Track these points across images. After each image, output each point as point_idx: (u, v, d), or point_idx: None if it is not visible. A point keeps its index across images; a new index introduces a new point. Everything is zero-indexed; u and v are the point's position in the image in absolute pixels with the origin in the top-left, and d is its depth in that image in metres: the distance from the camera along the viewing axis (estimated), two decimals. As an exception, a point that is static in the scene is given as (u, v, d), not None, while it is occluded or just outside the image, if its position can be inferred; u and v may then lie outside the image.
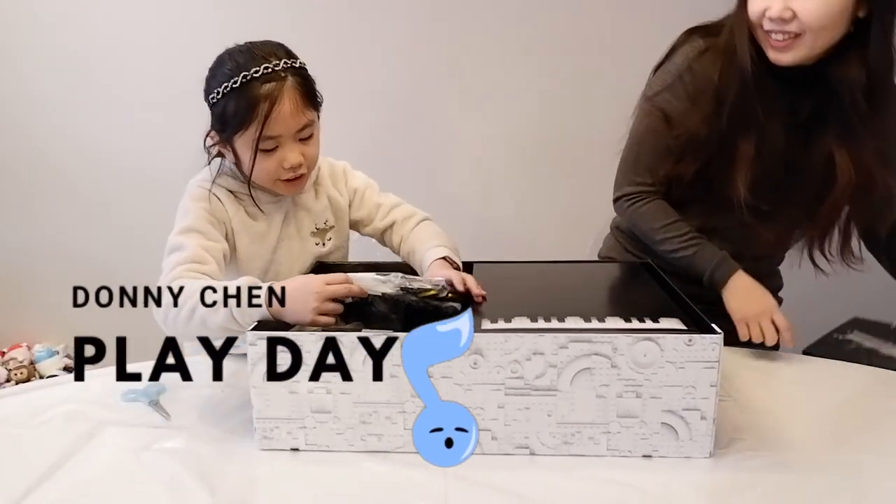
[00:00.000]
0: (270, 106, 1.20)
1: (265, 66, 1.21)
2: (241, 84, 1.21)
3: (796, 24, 1.21)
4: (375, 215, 1.46)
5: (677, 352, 0.97)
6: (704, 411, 0.99)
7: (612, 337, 0.98)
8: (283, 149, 1.25)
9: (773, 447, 1.05)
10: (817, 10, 1.19)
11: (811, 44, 1.23)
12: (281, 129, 1.23)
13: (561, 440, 1.02)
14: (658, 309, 1.10)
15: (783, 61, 1.26)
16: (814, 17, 1.19)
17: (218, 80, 1.24)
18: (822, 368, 1.32)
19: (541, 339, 0.98)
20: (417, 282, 1.15)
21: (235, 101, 1.21)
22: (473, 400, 1.01)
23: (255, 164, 1.24)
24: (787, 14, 1.20)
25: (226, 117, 1.23)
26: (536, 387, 1.00)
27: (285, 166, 1.25)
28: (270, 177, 1.27)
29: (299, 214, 1.39)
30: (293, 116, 1.22)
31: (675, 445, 1.01)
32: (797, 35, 1.22)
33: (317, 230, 1.41)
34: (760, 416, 1.14)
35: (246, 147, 1.24)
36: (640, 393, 0.99)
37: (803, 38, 1.22)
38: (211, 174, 1.32)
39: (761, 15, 1.24)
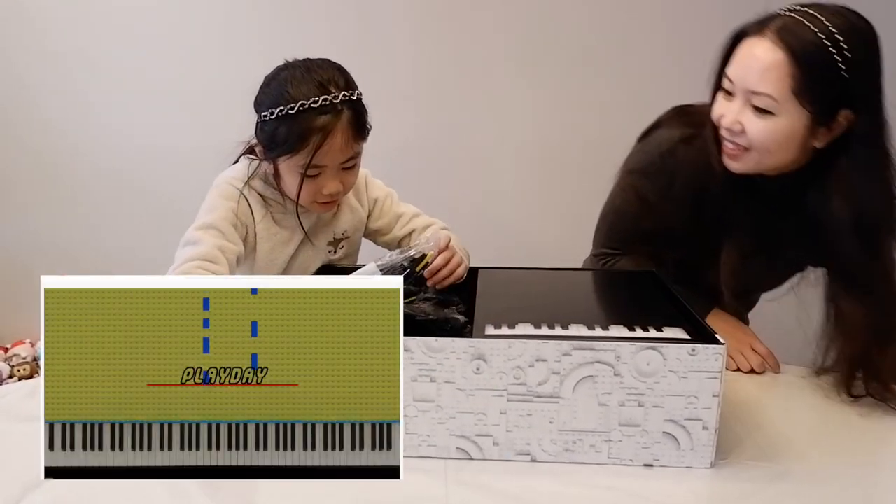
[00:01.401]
0: (322, 139, 1.21)
1: (324, 98, 1.20)
2: (298, 112, 1.20)
3: (744, 138, 1.20)
4: (395, 225, 1.47)
5: (680, 361, 0.97)
6: (706, 421, 0.99)
7: (616, 345, 0.98)
8: (325, 177, 1.26)
9: (774, 458, 1.05)
10: (763, 132, 1.18)
11: (759, 160, 1.22)
12: (328, 161, 1.24)
13: (562, 447, 1.02)
14: (662, 318, 1.10)
15: (732, 168, 1.26)
16: (758, 137, 1.19)
17: (272, 100, 1.23)
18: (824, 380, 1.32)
19: (544, 345, 0.98)
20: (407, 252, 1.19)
21: (288, 128, 1.21)
22: (476, 405, 1.01)
23: (296, 185, 1.26)
24: (736, 127, 1.20)
25: (276, 140, 1.23)
26: (539, 393, 1.00)
27: (324, 192, 1.26)
28: (306, 199, 1.28)
29: (319, 225, 1.40)
30: (342, 150, 1.24)
31: (676, 455, 1.01)
32: (746, 148, 1.22)
33: (333, 240, 1.42)
34: (762, 426, 1.14)
35: (289, 170, 1.26)
36: (643, 402, 0.99)
37: (751, 153, 1.22)
38: (245, 173, 1.32)
39: (718, 119, 1.24)
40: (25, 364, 2.58)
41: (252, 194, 1.31)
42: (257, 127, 1.28)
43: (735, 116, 1.20)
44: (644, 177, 1.39)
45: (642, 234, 1.43)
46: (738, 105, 1.20)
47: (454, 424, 1.02)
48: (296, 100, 1.20)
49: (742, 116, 1.19)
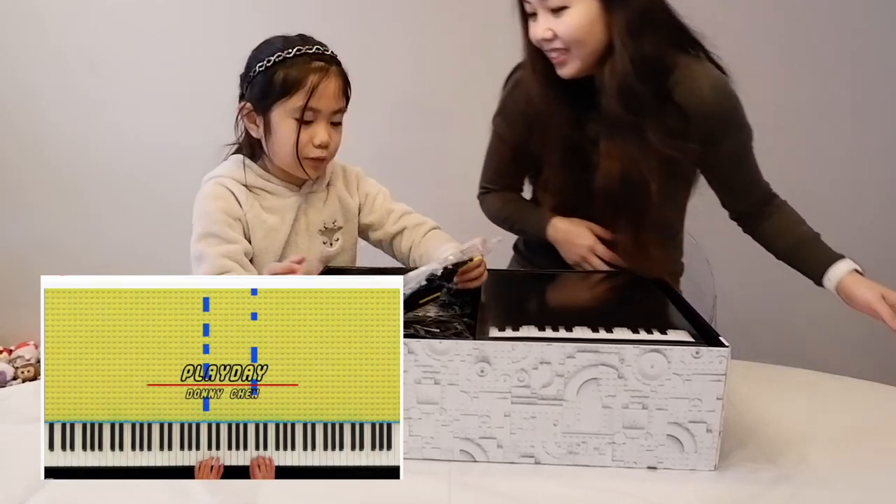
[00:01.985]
0: (320, 79, 1.27)
1: (317, 48, 1.30)
2: (295, 55, 1.28)
3: (559, 41, 1.33)
4: (386, 220, 1.47)
5: (684, 364, 0.97)
6: (710, 424, 0.99)
7: (620, 348, 0.98)
8: (317, 125, 1.30)
9: (778, 460, 1.05)
10: (568, 26, 1.31)
11: (580, 55, 1.35)
12: (323, 105, 1.28)
13: (566, 450, 1.02)
14: (666, 320, 1.10)
15: (565, 74, 1.38)
16: (567, 33, 1.32)
17: (268, 52, 1.29)
18: (828, 382, 1.32)
19: (548, 348, 0.98)
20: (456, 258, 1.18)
21: (286, 70, 1.27)
22: (480, 407, 1.01)
23: (284, 133, 1.29)
24: (548, 34, 1.33)
25: (273, 85, 1.27)
26: (543, 396, 1.00)
27: (315, 142, 1.29)
28: (296, 150, 1.30)
29: (309, 211, 1.41)
30: (335, 97, 1.30)
31: (680, 458, 1.00)
32: (566, 49, 1.34)
33: (325, 229, 1.42)
34: (766, 429, 1.14)
35: (282, 118, 1.29)
36: (647, 404, 0.99)
37: (572, 52, 1.34)
38: (226, 168, 1.36)
39: (535, 39, 1.37)
40: (30, 366, 2.57)
41: (236, 186, 1.34)
42: (247, 88, 1.32)
43: (543, 28, 1.33)
44: (500, 116, 1.57)
45: (505, 169, 1.61)
46: (542, 18, 1.34)
47: (458, 427, 1.02)
48: (293, 46, 1.29)
49: (548, 24, 1.33)
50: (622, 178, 1.38)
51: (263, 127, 1.31)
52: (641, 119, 1.35)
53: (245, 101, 1.32)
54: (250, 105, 1.32)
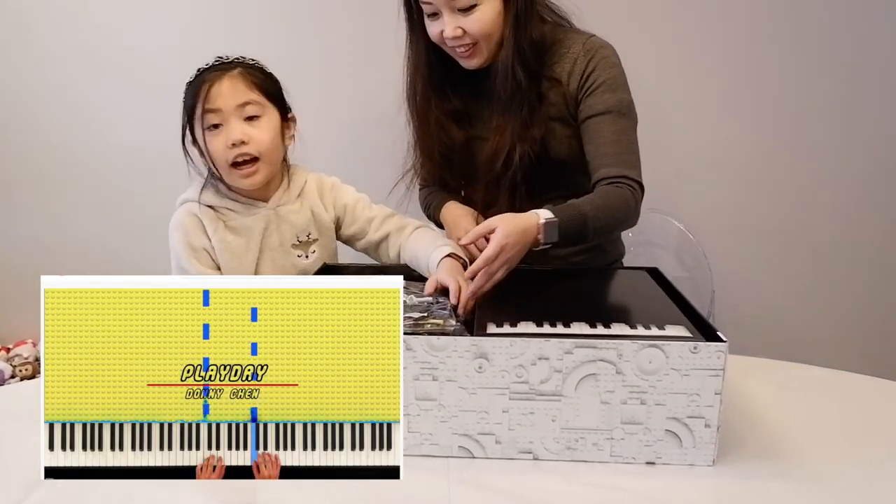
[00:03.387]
0: (210, 85, 1.31)
1: (216, 61, 1.34)
2: (200, 73, 1.33)
3: (468, 37, 1.41)
4: (369, 228, 1.47)
5: (682, 359, 0.97)
6: (709, 419, 0.99)
7: (618, 343, 0.98)
8: (227, 125, 1.31)
9: (777, 456, 1.05)
10: (479, 23, 1.39)
11: (487, 46, 1.43)
12: (220, 104, 1.31)
13: (565, 445, 1.02)
14: (664, 316, 1.10)
15: (472, 65, 1.47)
16: (478, 29, 1.40)
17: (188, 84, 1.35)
18: (827, 377, 1.32)
19: (546, 343, 0.98)
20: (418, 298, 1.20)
21: (187, 93, 1.33)
22: (478, 404, 1.01)
23: (207, 145, 1.32)
24: (458, 32, 1.40)
25: (184, 108, 1.33)
26: (541, 392, 1.00)
27: (228, 143, 1.30)
28: (222, 159, 1.32)
29: (282, 227, 1.41)
30: (232, 94, 1.31)
31: (678, 453, 1.01)
32: (475, 43, 1.42)
33: (298, 242, 1.42)
34: (765, 424, 1.14)
35: (200, 133, 1.33)
36: (645, 400, 0.99)
37: (479, 45, 1.43)
38: (189, 194, 1.39)
39: (440, 36, 1.43)
40: (27, 364, 2.57)
41: (202, 210, 1.36)
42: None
43: (452, 26, 1.39)
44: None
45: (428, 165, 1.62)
46: (447, 17, 1.39)
47: (456, 423, 1.02)
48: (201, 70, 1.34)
49: (456, 23, 1.39)
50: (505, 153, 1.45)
51: (204, 150, 1.34)
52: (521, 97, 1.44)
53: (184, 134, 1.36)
54: (190, 137, 1.35)
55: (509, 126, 1.45)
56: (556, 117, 1.47)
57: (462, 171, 1.58)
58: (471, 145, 1.54)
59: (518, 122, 1.45)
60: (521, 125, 1.45)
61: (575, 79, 1.45)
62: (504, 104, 1.45)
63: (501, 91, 1.44)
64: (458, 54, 1.45)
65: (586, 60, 1.45)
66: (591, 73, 1.44)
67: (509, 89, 1.43)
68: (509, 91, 1.44)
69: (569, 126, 1.48)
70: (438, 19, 1.42)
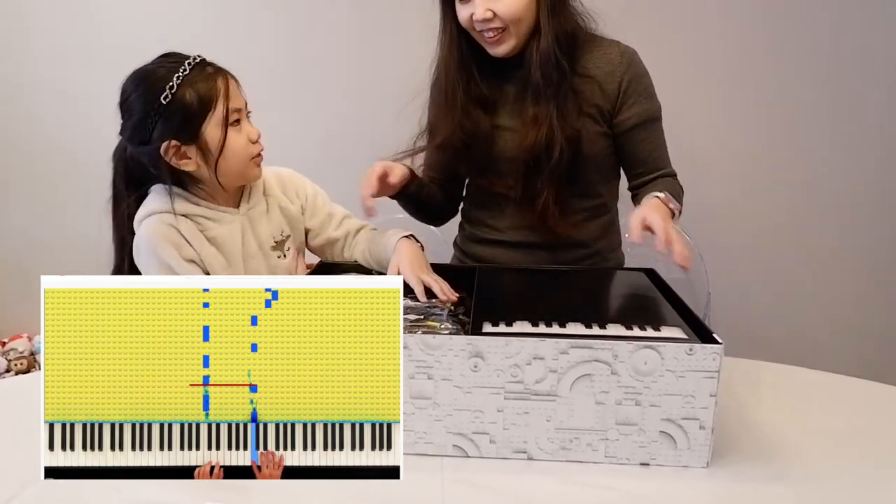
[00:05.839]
0: (225, 81, 1.24)
1: (194, 57, 1.24)
2: (191, 70, 1.21)
3: (498, 21, 1.40)
4: (329, 225, 1.45)
5: (678, 360, 0.97)
6: (703, 421, 0.99)
7: (613, 344, 0.98)
8: (244, 123, 1.27)
9: (771, 458, 1.05)
10: (511, 5, 1.38)
11: (516, 32, 1.42)
12: (238, 103, 1.26)
13: (559, 446, 1.02)
14: (660, 317, 1.11)
15: (500, 53, 1.45)
16: (509, 11, 1.38)
17: (156, 86, 1.21)
18: (821, 381, 1.32)
19: (541, 343, 0.98)
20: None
21: (194, 87, 1.21)
22: (473, 403, 1.01)
23: (229, 143, 1.24)
24: (488, 15, 1.39)
25: (190, 108, 1.21)
26: (536, 391, 1.00)
27: (252, 138, 1.28)
28: (244, 155, 1.27)
29: (258, 230, 1.35)
30: (239, 93, 1.28)
31: (672, 454, 1.01)
32: (504, 28, 1.41)
33: (276, 243, 1.38)
34: (759, 425, 1.14)
35: (217, 129, 1.23)
36: (640, 401, 0.99)
37: (509, 30, 1.42)
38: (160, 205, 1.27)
39: (470, 20, 1.42)
40: (23, 358, 2.57)
41: (179, 221, 1.27)
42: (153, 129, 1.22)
43: (483, 9, 1.38)
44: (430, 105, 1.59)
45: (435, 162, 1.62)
46: (479, 0, 1.38)
47: (451, 422, 1.02)
48: (175, 68, 1.21)
49: (486, 5, 1.38)
50: (545, 143, 1.44)
51: (199, 153, 1.24)
52: (560, 87, 1.43)
53: (166, 140, 1.22)
54: (176, 141, 1.22)
55: (548, 116, 1.43)
56: (587, 113, 1.47)
57: (481, 161, 1.54)
58: (495, 134, 1.52)
59: (556, 112, 1.43)
60: (559, 116, 1.43)
61: (614, 81, 1.47)
62: (541, 93, 1.44)
63: (540, 79, 1.43)
64: (485, 40, 1.44)
65: (626, 66, 1.47)
66: (632, 79, 1.47)
67: (551, 78, 1.42)
68: (550, 80, 1.42)
69: (597, 123, 1.48)
70: (469, 2, 1.41)
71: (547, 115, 1.43)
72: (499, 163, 1.53)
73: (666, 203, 1.34)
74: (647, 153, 1.51)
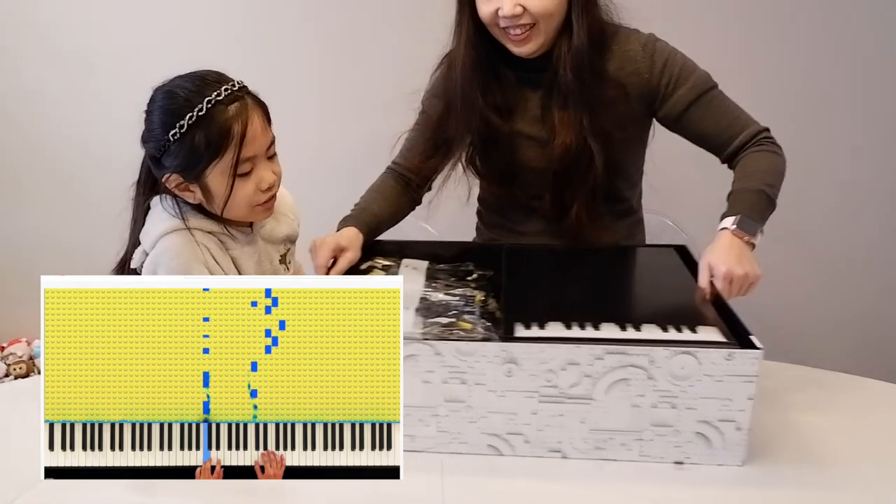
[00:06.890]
0: (244, 126, 1.14)
1: (225, 88, 1.14)
2: (208, 110, 1.12)
3: (528, 16, 1.29)
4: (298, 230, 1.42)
5: (716, 365, 0.96)
6: (739, 422, 0.98)
7: (650, 350, 0.96)
8: (258, 169, 1.19)
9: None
10: (543, 1, 1.28)
11: (545, 29, 1.31)
12: (256, 150, 1.17)
13: (593, 445, 1.01)
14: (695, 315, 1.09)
15: (525, 52, 1.34)
16: (540, 7, 1.28)
17: (170, 118, 1.13)
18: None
19: (577, 350, 0.97)
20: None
21: (204, 131, 1.12)
22: (507, 406, 1.01)
23: (234, 192, 1.17)
24: (518, 10, 1.28)
25: (197, 150, 1.13)
26: (571, 395, 0.99)
27: (262, 187, 1.19)
28: (249, 203, 1.20)
29: (267, 248, 1.32)
30: (263, 134, 1.18)
31: (707, 453, 1.00)
32: (532, 25, 1.30)
33: (282, 257, 1.36)
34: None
35: (219, 180, 1.16)
36: (676, 404, 0.98)
37: (538, 27, 1.31)
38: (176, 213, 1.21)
39: (494, 15, 1.31)
40: (21, 363, 2.56)
41: (203, 237, 1.22)
42: (164, 156, 1.16)
43: (512, 3, 1.27)
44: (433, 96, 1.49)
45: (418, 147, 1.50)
46: None
47: (485, 423, 1.02)
48: (199, 100, 1.12)
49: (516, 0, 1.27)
50: (576, 148, 1.36)
51: (202, 192, 1.19)
52: (593, 90, 1.34)
53: (169, 173, 1.17)
54: (178, 177, 1.17)
55: (578, 122, 1.34)
56: (616, 118, 1.37)
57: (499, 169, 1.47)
58: (515, 141, 1.43)
59: (588, 118, 1.34)
60: (590, 121, 1.34)
61: (641, 80, 1.37)
62: (570, 97, 1.34)
63: (572, 81, 1.33)
64: (510, 38, 1.33)
65: (650, 60, 1.36)
66: (662, 69, 1.36)
67: (583, 79, 1.32)
68: (582, 81, 1.32)
69: (624, 130, 1.39)
70: None
71: (577, 121, 1.34)
72: (522, 173, 1.46)
73: (740, 237, 1.21)
74: (714, 126, 1.37)
